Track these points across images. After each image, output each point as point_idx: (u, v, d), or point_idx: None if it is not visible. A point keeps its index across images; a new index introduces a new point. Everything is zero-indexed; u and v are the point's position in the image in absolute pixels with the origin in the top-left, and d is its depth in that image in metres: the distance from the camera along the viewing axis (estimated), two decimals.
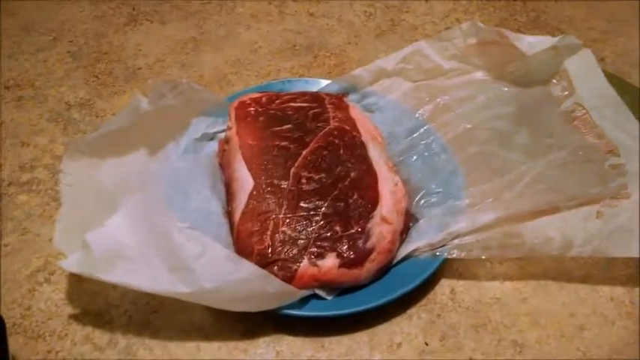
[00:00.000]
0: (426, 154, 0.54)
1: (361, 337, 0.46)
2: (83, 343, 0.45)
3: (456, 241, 0.48)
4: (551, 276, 0.49)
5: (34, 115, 0.62)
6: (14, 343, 0.45)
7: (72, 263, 0.42)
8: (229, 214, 0.48)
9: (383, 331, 0.46)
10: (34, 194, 0.55)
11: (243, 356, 0.44)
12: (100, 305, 0.47)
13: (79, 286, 0.48)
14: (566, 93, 0.55)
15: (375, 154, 0.51)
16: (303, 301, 0.44)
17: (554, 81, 0.55)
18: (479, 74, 0.58)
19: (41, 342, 0.45)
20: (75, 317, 0.46)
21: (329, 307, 0.44)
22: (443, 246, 0.48)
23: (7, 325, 0.45)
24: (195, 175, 0.52)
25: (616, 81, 0.60)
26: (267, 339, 0.45)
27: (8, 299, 0.47)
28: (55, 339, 0.45)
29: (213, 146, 0.55)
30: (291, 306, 0.44)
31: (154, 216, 0.44)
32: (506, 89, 0.57)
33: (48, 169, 0.57)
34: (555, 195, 0.49)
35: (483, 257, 0.47)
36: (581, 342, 0.46)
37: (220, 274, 0.41)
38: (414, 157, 0.54)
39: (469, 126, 0.55)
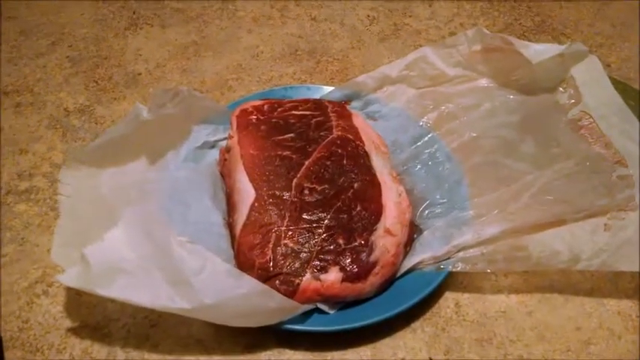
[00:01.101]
0: (430, 163, 0.53)
1: (364, 352, 0.45)
2: (82, 358, 0.44)
3: (461, 254, 0.47)
4: (557, 289, 0.48)
5: (33, 122, 0.61)
6: (12, 357, 0.44)
7: (70, 277, 0.41)
8: (230, 225, 0.48)
9: (386, 345, 0.45)
10: (33, 203, 0.54)
11: None
12: (98, 318, 0.46)
13: (78, 299, 0.47)
14: (573, 101, 0.54)
15: (378, 164, 0.50)
16: (306, 316, 0.44)
17: (560, 89, 0.54)
18: (484, 81, 0.57)
19: (39, 356, 0.44)
20: (73, 331, 0.45)
21: (332, 321, 0.44)
22: (447, 259, 0.47)
23: (5, 339, 0.45)
24: (195, 184, 0.51)
25: (621, 87, 0.59)
26: (268, 353, 0.44)
27: (6, 311, 0.46)
28: (54, 353, 0.44)
29: (214, 155, 0.54)
30: (293, 320, 0.43)
31: (154, 229, 0.43)
32: (511, 97, 0.56)
33: (47, 177, 0.56)
34: (562, 206, 0.48)
35: (489, 271, 0.47)
36: (588, 357, 0.45)
37: (221, 289, 0.40)
38: (418, 167, 0.53)
39: (474, 134, 0.54)
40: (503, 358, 0.45)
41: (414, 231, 0.49)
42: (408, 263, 0.47)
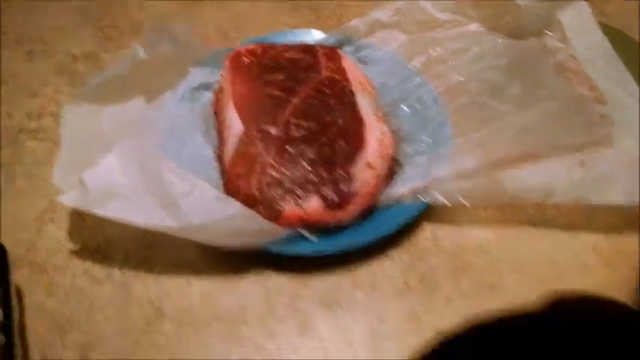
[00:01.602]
0: (416, 105, 0.55)
1: (344, 277, 0.48)
2: (82, 277, 0.48)
3: (440, 188, 0.49)
4: (533, 223, 0.50)
5: (43, 68, 0.65)
6: (20, 277, 0.48)
7: (70, 199, 0.44)
8: (220, 157, 0.50)
9: (365, 271, 0.48)
10: (41, 141, 0.57)
11: (231, 291, 0.47)
12: (99, 241, 0.49)
13: (81, 224, 0.51)
14: (560, 45, 0.54)
15: (364, 104, 0.52)
16: (289, 241, 0.46)
17: (548, 32, 0.55)
18: (473, 26, 0.58)
19: (44, 275, 0.48)
20: (75, 253, 0.49)
21: (313, 246, 0.46)
22: (427, 192, 0.49)
23: (14, 260, 0.48)
24: (191, 123, 0.54)
25: (618, 35, 0.59)
26: (254, 276, 0.47)
27: (15, 239, 0.50)
28: (57, 273, 0.48)
29: (209, 96, 0.56)
30: (277, 245, 0.46)
31: (147, 157, 0.46)
32: (500, 41, 0.57)
33: (53, 116, 0.59)
34: (541, 144, 0.49)
35: (466, 203, 0.48)
36: (560, 289, 0.46)
37: (208, 211, 0.43)
38: (405, 108, 0.55)
39: (461, 78, 0.56)
40: (475, 287, 0.47)
41: (395, 166, 0.51)
42: (388, 195, 0.49)
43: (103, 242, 0.50)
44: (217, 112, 0.54)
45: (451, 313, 0.45)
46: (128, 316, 0.46)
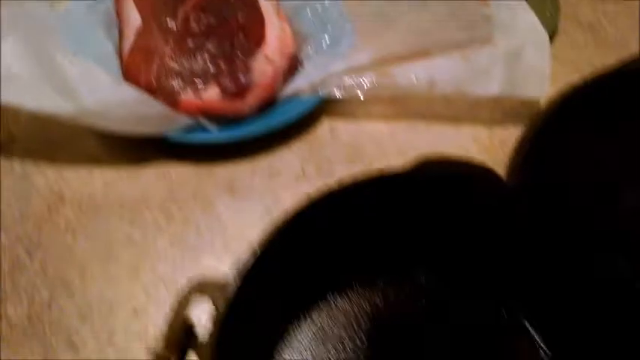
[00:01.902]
0: (318, 7, 0.57)
1: (245, 165, 0.50)
2: None
3: (337, 82, 0.52)
4: (420, 117, 0.54)
5: None
6: None
7: None
8: (120, 52, 0.51)
9: (265, 160, 0.51)
10: None
11: (134, 180, 0.49)
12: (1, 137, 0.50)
13: None
14: None
15: (265, 2, 0.54)
16: (189, 131, 0.48)
17: None
18: None
19: None
20: None
21: (214, 135, 0.49)
22: (324, 86, 0.52)
23: None
24: (92, 22, 0.53)
25: None
26: (156, 165, 0.49)
27: None
28: None
29: None
30: (177, 134, 0.48)
31: (44, 46, 0.46)
32: None
33: None
34: (430, 42, 0.53)
35: (360, 95, 0.52)
36: None
37: (104, 96, 0.44)
38: (307, 12, 0.57)
39: None
40: (365, 169, 0.51)
41: (296, 64, 0.53)
42: (287, 90, 0.51)
43: (2, 135, 0.50)
44: (118, 10, 0.54)
45: None
46: (30, 203, 0.47)
